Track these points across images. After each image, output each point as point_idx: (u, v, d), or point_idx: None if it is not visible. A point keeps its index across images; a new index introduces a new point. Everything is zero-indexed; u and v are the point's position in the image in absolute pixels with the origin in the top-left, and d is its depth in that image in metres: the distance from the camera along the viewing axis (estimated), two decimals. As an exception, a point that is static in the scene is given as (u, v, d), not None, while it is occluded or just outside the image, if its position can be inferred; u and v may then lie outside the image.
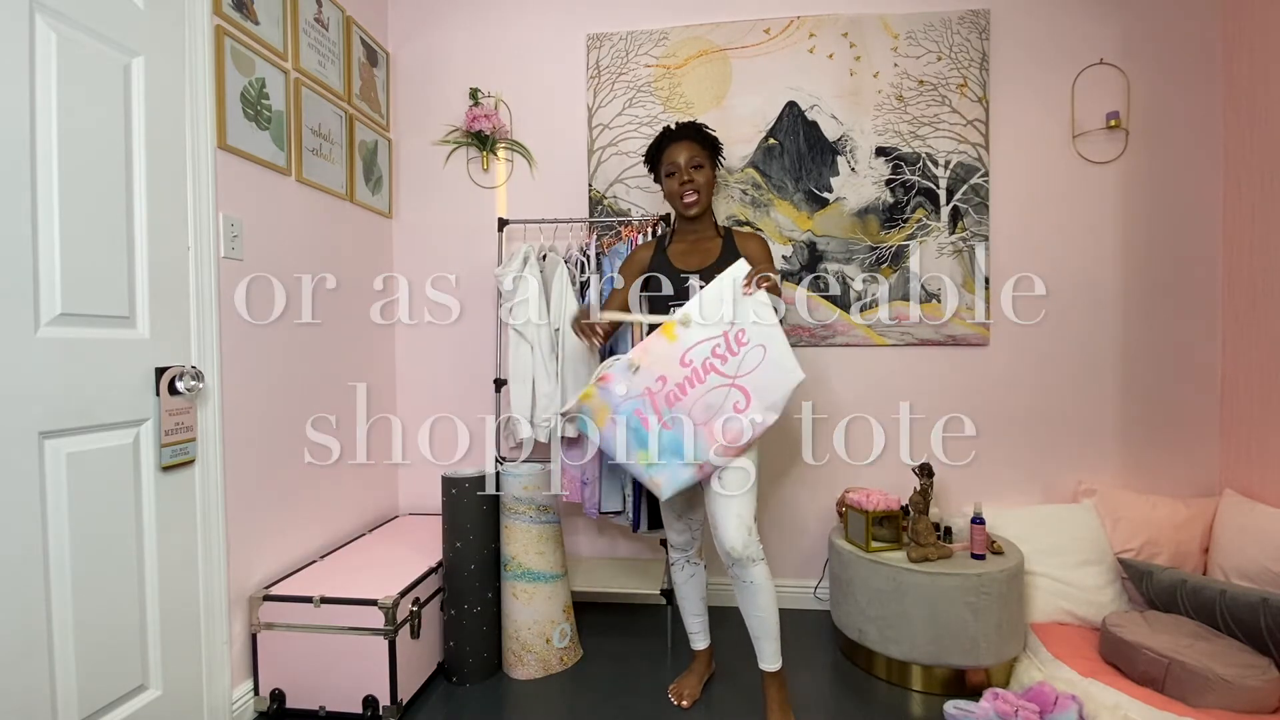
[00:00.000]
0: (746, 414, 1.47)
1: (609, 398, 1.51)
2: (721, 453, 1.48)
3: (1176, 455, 2.20)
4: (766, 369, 1.48)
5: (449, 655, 1.87)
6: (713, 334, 1.49)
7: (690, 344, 1.49)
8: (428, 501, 2.52)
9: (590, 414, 1.53)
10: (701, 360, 1.48)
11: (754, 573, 1.54)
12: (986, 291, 2.24)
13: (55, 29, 1.22)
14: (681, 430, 1.48)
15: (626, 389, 1.50)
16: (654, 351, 1.50)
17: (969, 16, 2.22)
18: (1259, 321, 2.00)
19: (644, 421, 1.49)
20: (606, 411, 1.51)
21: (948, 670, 1.79)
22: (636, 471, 1.53)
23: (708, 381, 1.48)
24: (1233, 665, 1.50)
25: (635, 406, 1.49)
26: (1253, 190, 2.02)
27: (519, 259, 2.16)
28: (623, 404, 1.50)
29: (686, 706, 1.73)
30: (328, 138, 2.05)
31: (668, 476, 1.49)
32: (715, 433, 1.48)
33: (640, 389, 1.49)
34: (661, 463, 1.49)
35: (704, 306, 1.50)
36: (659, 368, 1.49)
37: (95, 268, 1.30)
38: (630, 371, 1.50)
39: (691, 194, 1.67)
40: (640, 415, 1.49)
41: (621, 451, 1.52)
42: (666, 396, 1.48)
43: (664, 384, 1.49)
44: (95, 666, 1.28)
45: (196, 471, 1.54)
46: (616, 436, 1.52)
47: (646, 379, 1.49)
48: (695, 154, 1.68)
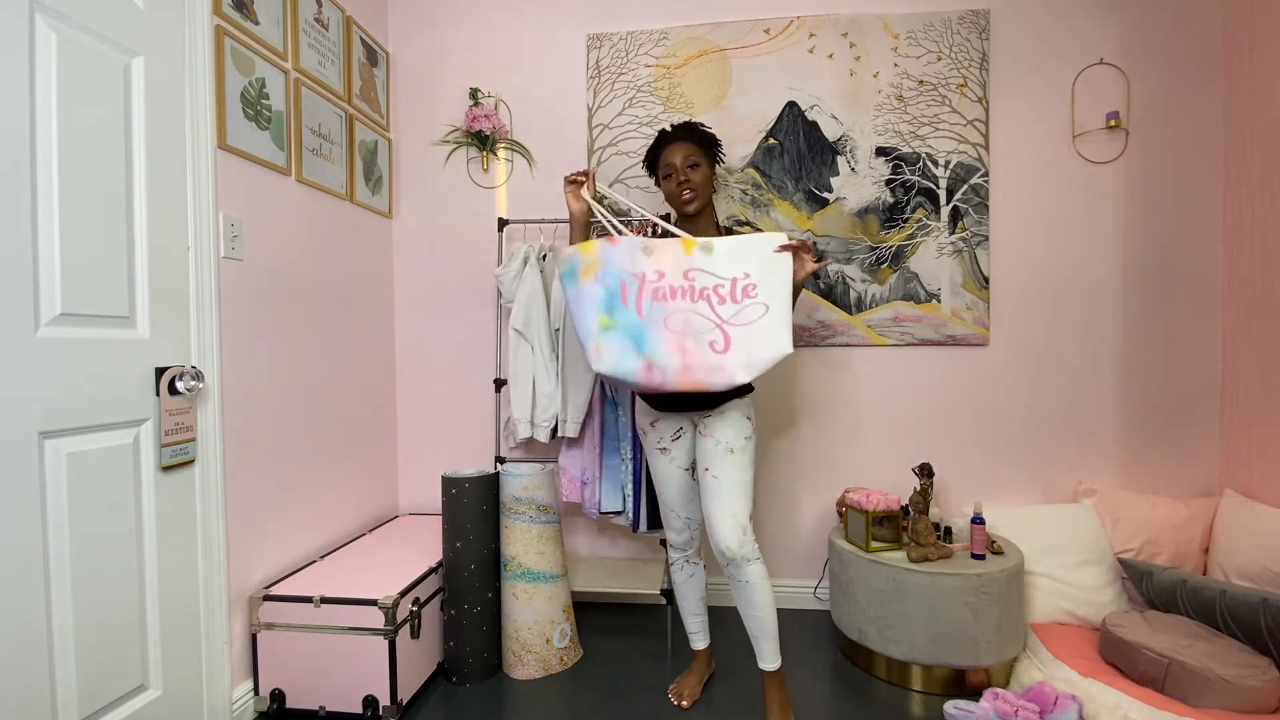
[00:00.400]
0: (721, 356, 1.45)
1: (606, 256, 1.49)
2: (680, 373, 1.44)
3: (1176, 455, 2.20)
4: (759, 328, 1.45)
5: (449, 655, 1.87)
6: (722, 275, 1.48)
7: (698, 266, 1.49)
8: (428, 501, 2.53)
9: (579, 265, 1.49)
10: (701, 286, 1.48)
11: (749, 572, 1.54)
12: (986, 291, 2.24)
13: (55, 29, 1.22)
14: (650, 324, 1.46)
15: (626, 261, 1.49)
16: (666, 250, 1.50)
17: (969, 16, 2.22)
18: (1259, 321, 2.00)
19: (623, 293, 1.48)
20: (596, 267, 1.48)
21: (948, 670, 1.79)
22: (587, 330, 1.47)
23: (697, 305, 1.47)
24: (1233, 665, 1.50)
25: (623, 277, 1.48)
26: (1253, 190, 2.02)
27: (519, 259, 2.16)
28: (613, 268, 1.48)
29: (686, 706, 1.73)
30: (328, 138, 2.05)
31: (615, 352, 1.45)
32: (684, 349, 1.45)
33: (637, 269, 1.49)
34: (616, 335, 1.46)
35: (729, 248, 1.49)
36: (663, 264, 1.49)
37: (95, 268, 1.30)
38: (640, 250, 1.49)
39: (689, 193, 1.66)
40: (624, 285, 1.48)
41: (587, 307, 1.48)
42: (655, 290, 1.48)
43: (660, 278, 1.48)
44: (95, 666, 1.28)
45: (196, 471, 1.54)
46: (590, 294, 1.48)
47: (647, 265, 1.49)
48: (691, 153, 1.67)
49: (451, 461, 2.50)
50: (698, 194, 1.66)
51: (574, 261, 1.50)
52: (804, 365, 2.34)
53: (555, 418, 2.15)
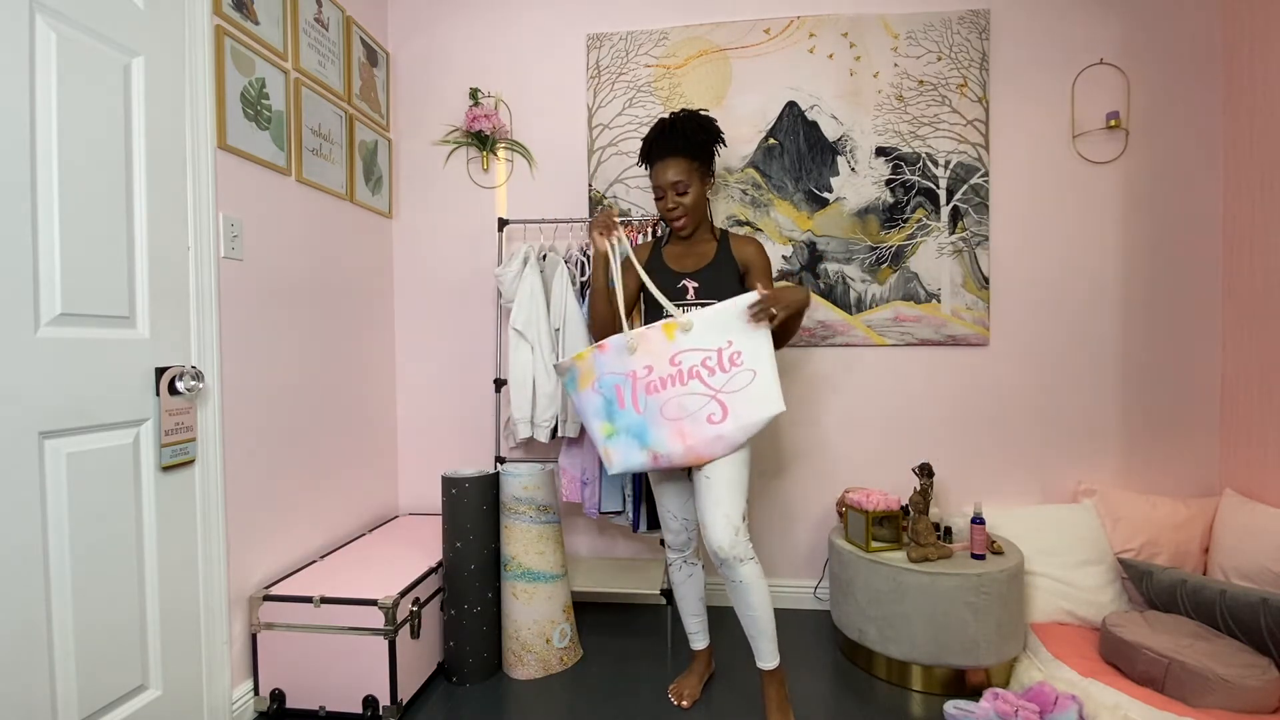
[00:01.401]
0: (719, 426, 1.51)
1: (598, 364, 1.57)
2: (684, 454, 1.52)
3: (1176, 455, 2.20)
4: (750, 394, 1.52)
5: (449, 655, 1.87)
6: (707, 347, 1.54)
7: (683, 348, 1.54)
8: (428, 501, 2.53)
9: (577, 375, 1.60)
10: (689, 366, 1.53)
11: (743, 572, 1.53)
12: (986, 291, 2.24)
13: (55, 29, 1.22)
14: (649, 418, 1.53)
15: (616, 363, 1.56)
16: (650, 341, 1.55)
17: (969, 16, 2.22)
18: (1259, 321, 2.00)
19: (619, 397, 1.55)
20: (592, 377, 1.58)
21: (948, 670, 1.79)
22: (596, 438, 1.59)
23: (689, 386, 1.53)
24: (1233, 665, 1.50)
25: (616, 382, 1.56)
26: (1253, 190, 2.02)
27: (519, 259, 2.16)
28: (606, 375, 1.56)
29: (686, 706, 1.73)
30: (328, 138, 2.05)
31: (622, 453, 1.56)
32: (683, 432, 1.52)
33: (627, 369, 1.55)
34: (620, 439, 1.56)
35: (707, 323, 1.54)
36: (649, 358, 1.55)
37: (95, 268, 1.30)
38: (626, 350, 1.55)
39: (679, 219, 1.67)
40: (618, 390, 1.55)
41: (591, 417, 1.59)
42: (647, 385, 1.54)
43: (649, 373, 1.54)
44: (95, 666, 1.28)
45: (196, 471, 1.54)
46: (591, 403, 1.58)
47: (635, 363, 1.55)
48: (681, 175, 1.63)
49: (451, 461, 2.50)
50: (689, 218, 1.67)
51: (573, 371, 1.61)
52: (804, 365, 2.34)
53: (555, 418, 2.15)
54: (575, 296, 2.15)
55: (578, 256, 2.21)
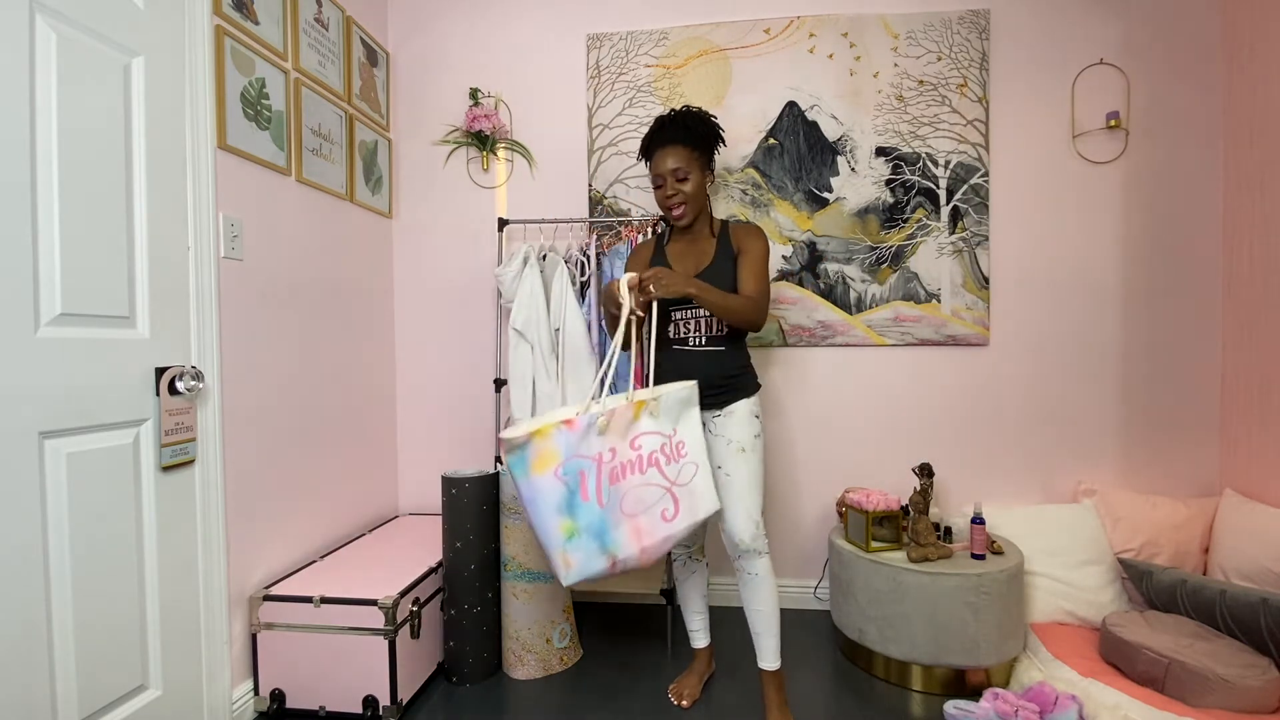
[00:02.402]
0: (671, 525, 1.40)
1: (564, 445, 1.33)
2: (637, 558, 1.36)
3: (1176, 455, 2.20)
4: (693, 488, 1.45)
5: (449, 655, 1.87)
6: (664, 432, 1.44)
7: (644, 430, 1.42)
8: (428, 501, 2.53)
9: (531, 456, 1.31)
10: (649, 451, 1.41)
11: (759, 565, 1.57)
12: (986, 291, 2.24)
13: (55, 29, 1.22)
14: (609, 513, 1.34)
15: (584, 445, 1.35)
16: (617, 419, 1.40)
17: (969, 16, 2.22)
18: (1259, 321, 2.00)
19: (582, 486, 1.33)
20: (553, 460, 1.32)
21: (948, 670, 1.79)
22: (550, 539, 1.31)
23: (648, 475, 1.40)
24: (1233, 665, 1.50)
25: (581, 466, 1.33)
26: (1253, 190, 2.02)
27: (519, 259, 2.16)
28: (572, 458, 1.33)
29: (686, 706, 1.73)
30: (328, 138, 2.05)
31: (582, 559, 1.31)
32: (640, 530, 1.37)
33: (593, 450, 1.36)
34: (581, 541, 1.32)
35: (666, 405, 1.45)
36: (614, 439, 1.39)
37: (95, 268, 1.30)
38: (596, 430, 1.37)
39: (679, 208, 1.63)
40: (582, 478, 1.33)
41: (548, 510, 1.31)
42: (610, 471, 1.36)
43: (613, 456, 1.37)
44: (95, 666, 1.28)
45: (196, 471, 1.54)
46: (548, 491, 1.31)
47: (602, 445, 1.37)
48: (681, 163, 1.60)
49: (451, 461, 2.50)
50: (688, 207, 1.63)
51: (525, 451, 1.31)
52: (804, 365, 2.34)
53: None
54: (575, 296, 2.15)
55: (577, 257, 2.21)
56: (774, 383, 2.35)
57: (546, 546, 1.32)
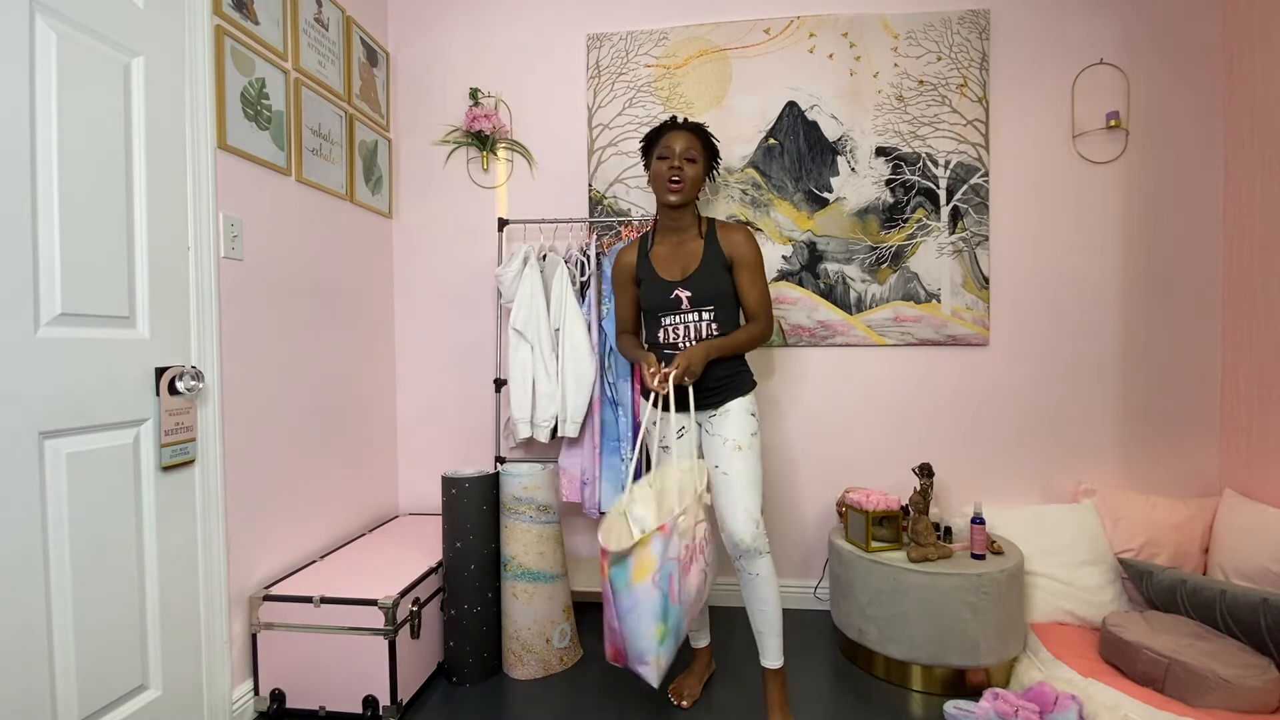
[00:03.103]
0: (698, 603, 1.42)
1: (661, 551, 1.29)
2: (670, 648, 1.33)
3: (1176, 455, 2.20)
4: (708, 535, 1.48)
5: (449, 655, 1.87)
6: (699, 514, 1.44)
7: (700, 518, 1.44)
8: (428, 501, 2.53)
9: (634, 565, 1.29)
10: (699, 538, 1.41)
11: (760, 565, 1.57)
12: (986, 291, 2.24)
13: (55, 29, 1.22)
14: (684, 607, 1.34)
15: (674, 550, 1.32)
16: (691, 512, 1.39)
17: (969, 16, 2.22)
18: (1259, 321, 2.00)
19: (671, 588, 1.30)
20: (652, 567, 1.28)
21: (948, 670, 1.79)
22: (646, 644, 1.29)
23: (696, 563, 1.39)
24: (1233, 665, 1.50)
25: (671, 570, 1.30)
26: (1253, 190, 2.02)
27: (519, 259, 2.16)
28: (666, 562, 1.30)
29: (686, 706, 1.73)
30: (328, 138, 2.05)
31: (669, 658, 1.32)
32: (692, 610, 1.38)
33: (677, 554, 1.33)
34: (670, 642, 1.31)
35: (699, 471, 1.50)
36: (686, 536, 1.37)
37: (95, 268, 1.30)
38: (678, 534, 1.34)
39: (678, 182, 1.63)
40: (672, 580, 1.30)
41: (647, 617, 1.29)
42: (684, 566, 1.33)
43: (687, 552, 1.36)
44: (95, 666, 1.28)
45: (196, 471, 1.54)
46: (646, 599, 1.28)
47: (680, 544, 1.34)
48: (692, 146, 1.65)
49: (451, 461, 2.50)
50: (685, 187, 1.64)
51: (629, 560, 1.29)
52: (804, 365, 2.34)
53: (555, 418, 2.15)
54: (575, 296, 2.15)
55: (577, 257, 2.21)
56: (774, 383, 2.35)
57: (638, 650, 1.30)
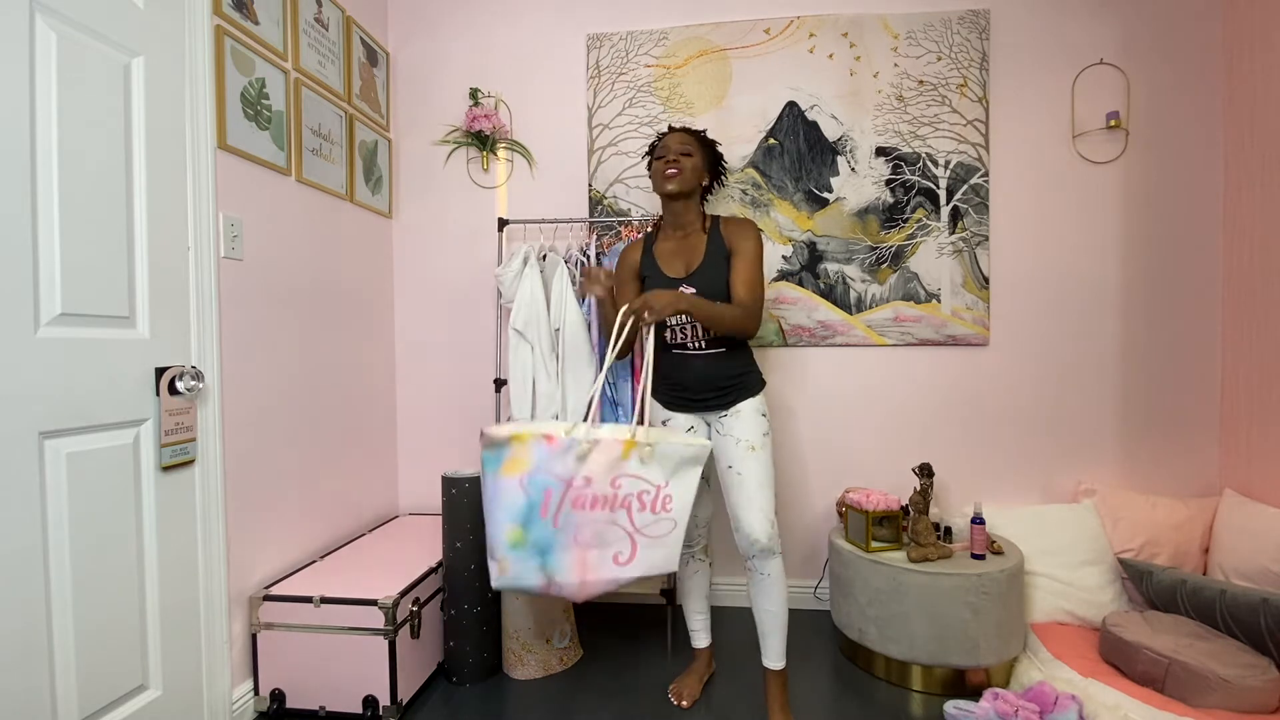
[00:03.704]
0: (620, 569, 1.38)
1: (537, 456, 1.35)
2: (575, 589, 1.36)
3: (1176, 455, 2.20)
4: (665, 543, 1.41)
5: (449, 655, 1.87)
6: (650, 481, 1.40)
7: (630, 472, 1.39)
8: (428, 501, 2.53)
9: (505, 457, 1.35)
10: (626, 494, 1.38)
11: (772, 565, 1.57)
12: (986, 291, 2.24)
13: (55, 29, 1.22)
14: (560, 536, 1.35)
15: (558, 464, 1.36)
16: (601, 452, 1.38)
17: (969, 16, 2.22)
18: (1259, 321, 2.00)
19: (545, 502, 1.34)
20: (525, 466, 1.35)
21: (948, 670, 1.79)
22: (496, 540, 1.35)
23: (616, 515, 1.38)
24: (1233, 665, 1.50)
25: (549, 484, 1.35)
26: (1253, 190, 2.02)
27: (519, 259, 2.16)
28: (540, 473, 1.35)
29: (686, 706, 1.73)
30: (328, 138, 2.05)
31: (518, 570, 1.35)
32: (586, 564, 1.36)
33: (567, 474, 1.36)
34: (523, 552, 1.34)
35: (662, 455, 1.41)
36: (595, 470, 1.37)
37: (95, 268, 1.30)
38: (576, 455, 1.36)
39: (672, 176, 1.63)
40: (547, 494, 1.34)
41: (503, 513, 1.35)
42: (576, 498, 1.36)
43: (586, 484, 1.37)
44: (95, 666, 1.28)
45: (196, 471, 1.54)
46: (509, 495, 1.35)
47: (577, 470, 1.36)
48: (687, 142, 1.66)
49: (451, 461, 2.50)
50: (681, 175, 1.63)
51: (502, 450, 1.35)
52: (804, 365, 2.34)
53: (555, 418, 2.15)
54: (575, 296, 2.15)
55: (577, 257, 2.21)
56: (774, 383, 2.35)
57: (490, 544, 1.36)
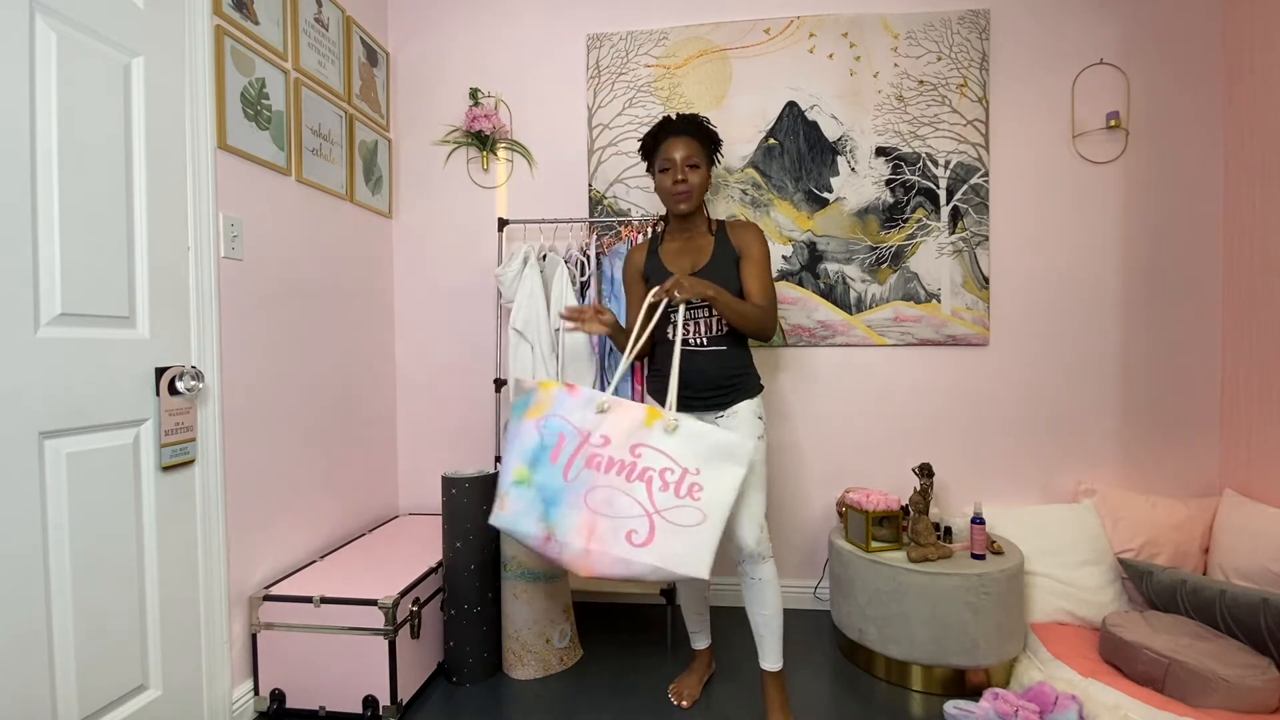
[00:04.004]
0: (633, 551, 1.29)
1: (558, 400, 1.38)
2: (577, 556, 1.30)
3: (1176, 455, 2.20)
4: (689, 537, 1.30)
5: (449, 655, 1.87)
6: (675, 460, 1.34)
7: (652, 444, 1.34)
8: (428, 501, 2.53)
9: (530, 403, 1.39)
10: (645, 466, 1.32)
11: (763, 569, 1.57)
12: (986, 291, 2.24)
13: (55, 29, 1.22)
14: (570, 491, 1.32)
15: (576, 413, 1.36)
16: (625, 414, 1.36)
17: (969, 16, 2.22)
18: (1259, 321, 2.00)
19: (556, 448, 1.34)
20: (544, 409, 1.38)
21: (948, 670, 1.79)
22: (504, 476, 1.37)
23: (631, 486, 1.31)
24: (1233, 665, 1.50)
25: (562, 430, 1.34)
26: (1253, 190, 2.02)
27: (519, 259, 2.16)
28: (556, 418, 1.36)
29: (686, 706, 1.73)
30: (328, 138, 2.05)
31: (518, 510, 1.34)
32: (594, 531, 1.30)
33: (584, 425, 1.35)
34: (527, 492, 1.34)
35: (690, 436, 1.35)
36: (614, 430, 1.34)
37: (95, 268, 1.30)
38: (595, 406, 1.37)
39: (684, 193, 1.63)
40: (560, 440, 1.34)
41: (516, 451, 1.38)
42: (591, 456, 1.33)
43: (604, 444, 1.33)
44: (95, 666, 1.28)
45: (196, 471, 1.54)
46: (525, 436, 1.37)
47: (595, 425, 1.35)
48: (693, 153, 1.64)
49: (451, 461, 2.50)
50: (692, 196, 1.64)
51: (529, 396, 1.40)
52: (804, 365, 2.34)
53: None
54: (575, 296, 2.15)
55: (577, 257, 2.21)
56: (774, 383, 2.35)
57: (500, 482, 1.38)
